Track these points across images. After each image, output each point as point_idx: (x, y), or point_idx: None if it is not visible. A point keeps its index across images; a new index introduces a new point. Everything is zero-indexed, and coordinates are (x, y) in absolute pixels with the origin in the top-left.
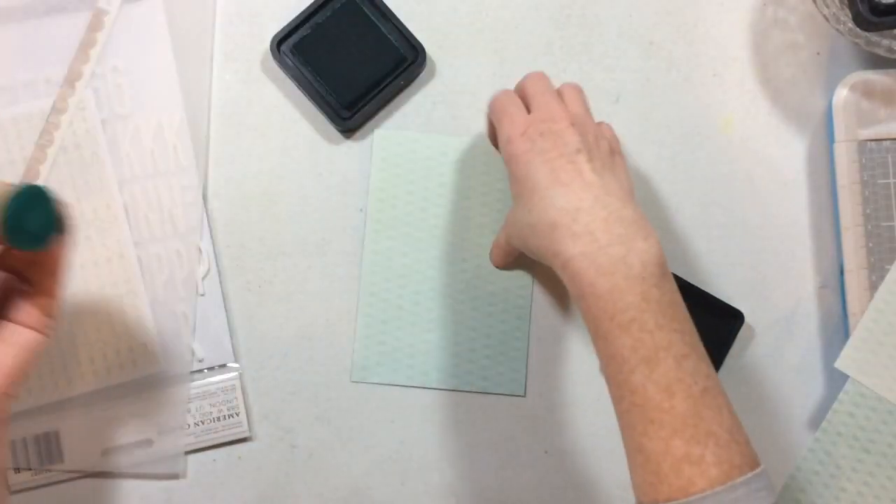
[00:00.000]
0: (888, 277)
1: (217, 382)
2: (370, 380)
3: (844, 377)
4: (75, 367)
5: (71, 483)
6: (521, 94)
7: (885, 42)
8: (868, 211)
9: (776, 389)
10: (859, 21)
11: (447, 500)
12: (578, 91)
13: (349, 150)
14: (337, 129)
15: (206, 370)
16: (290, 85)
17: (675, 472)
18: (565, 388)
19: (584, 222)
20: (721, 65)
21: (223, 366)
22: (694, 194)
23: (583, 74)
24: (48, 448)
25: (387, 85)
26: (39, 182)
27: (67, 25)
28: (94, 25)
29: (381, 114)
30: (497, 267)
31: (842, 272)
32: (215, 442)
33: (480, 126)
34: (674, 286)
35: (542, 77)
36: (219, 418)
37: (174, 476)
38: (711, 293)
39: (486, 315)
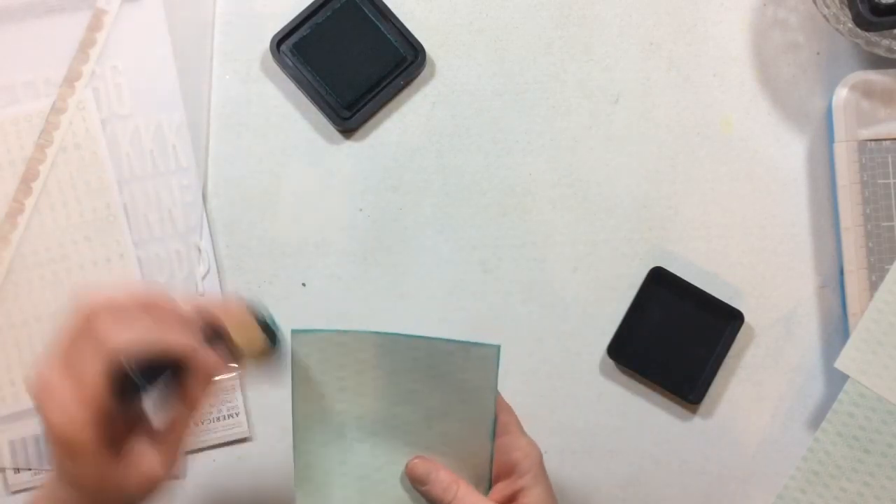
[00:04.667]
0: (888, 277)
1: (217, 382)
2: None
3: (844, 377)
4: None
5: None
6: None
7: (885, 42)
8: (868, 211)
9: (776, 389)
10: (859, 21)
11: None
12: None
13: (349, 150)
14: (337, 129)
15: None
16: (290, 85)
17: None
18: (564, 388)
19: None
20: (721, 65)
21: None
22: (694, 194)
23: (583, 74)
24: (48, 448)
25: (387, 85)
26: (40, 180)
27: (67, 25)
28: (94, 25)
29: (381, 114)
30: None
31: (842, 272)
32: (215, 442)
33: (479, 126)
34: None
35: None
36: (219, 418)
37: (174, 476)
38: (711, 293)
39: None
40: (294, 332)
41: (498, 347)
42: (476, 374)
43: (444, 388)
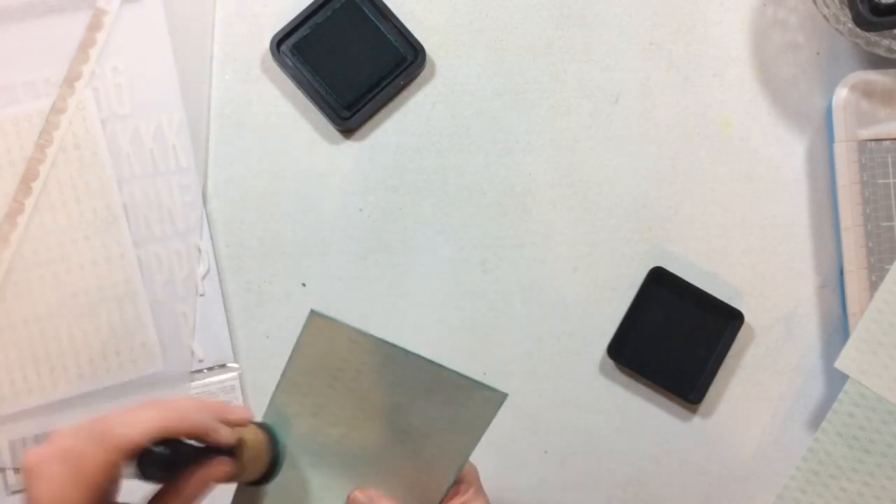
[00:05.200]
0: (888, 277)
1: (217, 382)
2: None
3: (844, 377)
4: (75, 367)
5: None
6: None
7: (885, 42)
8: (868, 211)
9: (776, 389)
10: (859, 21)
11: None
12: None
13: (349, 150)
14: (337, 129)
15: (206, 370)
16: (290, 85)
17: None
18: (564, 388)
19: None
20: (721, 65)
21: (223, 366)
22: (694, 194)
23: (583, 74)
24: None
25: (387, 85)
26: (40, 180)
27: (67, 25)
28: (94, 25)
29: (381, 114)
30: None
31: (842, 272)
32: None
33: (479, 126)
34: None
35: None
36: None
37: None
38: (711, 293)
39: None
40: (314, 312)
41: (505, 396)
42: (472, 413)
43: (434, 412)
